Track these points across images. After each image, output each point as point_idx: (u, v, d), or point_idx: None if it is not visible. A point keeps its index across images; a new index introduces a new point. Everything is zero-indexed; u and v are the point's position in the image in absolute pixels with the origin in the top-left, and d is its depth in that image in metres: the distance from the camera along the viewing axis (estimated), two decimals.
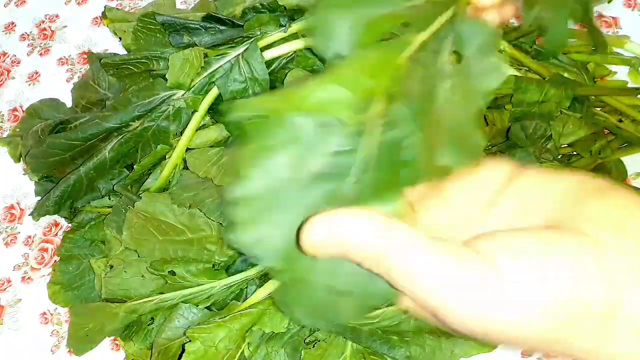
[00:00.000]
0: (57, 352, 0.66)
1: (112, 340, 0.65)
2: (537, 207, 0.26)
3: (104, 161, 0.62)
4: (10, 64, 0.87)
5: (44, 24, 0.90)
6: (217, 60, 0.60)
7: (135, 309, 0.58)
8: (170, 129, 0.61)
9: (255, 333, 0.54)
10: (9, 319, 0.69)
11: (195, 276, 0.56)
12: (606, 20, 0.77)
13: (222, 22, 0.65)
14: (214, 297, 0.57)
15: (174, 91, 0.61)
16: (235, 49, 0.60)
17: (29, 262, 0.72)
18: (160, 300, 0.57)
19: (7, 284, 0.71)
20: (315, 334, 0.55)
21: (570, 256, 0.23)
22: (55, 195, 0.63)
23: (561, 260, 0.23)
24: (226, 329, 0.53)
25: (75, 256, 0.66)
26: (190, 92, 0.60)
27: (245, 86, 0.58)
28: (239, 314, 0.53)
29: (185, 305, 0.56)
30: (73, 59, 0.86)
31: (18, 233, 0.74)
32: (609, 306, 0.23)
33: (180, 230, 0.55)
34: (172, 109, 0.61)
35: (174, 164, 0.59)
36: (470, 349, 0.54)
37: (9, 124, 0.82)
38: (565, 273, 0.23)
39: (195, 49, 0.60)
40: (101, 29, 0.87)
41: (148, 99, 0.61)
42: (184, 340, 0.54)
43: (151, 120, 0.61)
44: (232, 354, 0.53)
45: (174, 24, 0.64)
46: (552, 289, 0.23)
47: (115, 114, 0.61)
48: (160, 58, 0.63)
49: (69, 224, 0.70)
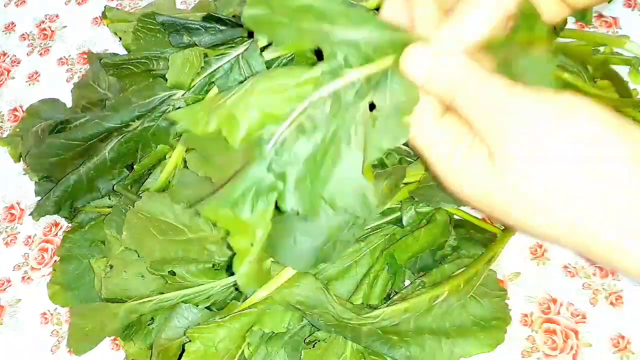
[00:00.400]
0: (57, 352, 0.66)
1: (112, 340, 0.65)
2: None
3: (104, 161, 0.62)
4: (10, 64, 0.87)
5: (44, 24, 0.90)
6: (217, 60, 0.60)
7: (135, 309, 0.58)
8: (171, 129, 0.61)
9: (255, 333, 0.54)
10: (9, 319, 0.69)
11: (196, 276, 0.56)
12: (606, 20, 0.77)
13: (222, 22, 0.65)
14: (214, 297, 0.57)
15: (174, 91, 0.61)
16: (235, 49, 0.60)
17: (29, 262, 0.72)
18: (160, 300, 0.57)
19: (7, 284, 0.71)
20: (315, 334, 0.55)
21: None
22: (55, 196, 0.63)
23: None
24: (226, 329, 0.53)
25: (75, 256, 0.66)
26: (191, 92, 0.60)
27: None
28: (239, 314, 0.53)
29: (185, 305, 0.56)
30: (73, 59, 0.86)
31: (18, 233, 0.74)
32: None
33: (180, 230, 0.55)
34: (173, 109, 0.61)
35: (174, 164, 0.59)
36: (471, 349, 0.54)
37: (9, 123, 0.82)
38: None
39: (195, 49, 0.60)
40: (101, 29, 0.87)
41: (148, 99, 0.61)
42: (184, 340, 0.54)
43: (151, 120, 0.61)
44: (232, 354, 0.53)
45: (174, 24, 0.64)
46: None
47: (115, 114, 0.61)
48: (160, 58, 0.63)
49: (69, 224, 0.70)
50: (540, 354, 0.58)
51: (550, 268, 0.63)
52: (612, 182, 0.26)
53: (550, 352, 0.58)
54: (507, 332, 0.55)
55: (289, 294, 0.53)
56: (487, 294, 0.59)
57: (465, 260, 0.60)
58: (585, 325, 0.59)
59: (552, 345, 0.58)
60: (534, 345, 0.58)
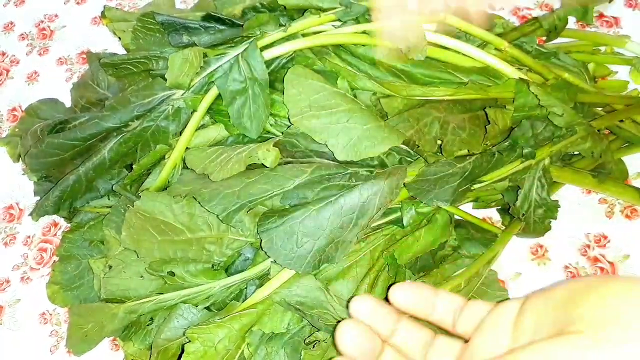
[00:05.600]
0: (56, 352, 0.66)
1: (112, 340, 0.65)
2: (546, 321, 0.29)
3: (103, 161, 0.62)
4: (9, 63, 0.87)
5: (43, 24, 0.90)
6: (216, 59, 0.60)
7: (134, 310, 0.57)
8: (170, 128, 0.61)
9: (255, 333, 0.53)
10: (8, 319, 0.69)
11: (195, 276, 0.56)
12: (607, 20, 0.77)
13: (221, 22, 0.65)
14: (214, 298, 0.57)
15: (173, 91, 0.60)
16: (234, 48, 0.60)
17: (28, 262, 0.72)
18: (160, 300, 0.57)
19: (6, 284, 0.71)
20: (315, 334, 0.54)
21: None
22: (54, 196, 0.63)
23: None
24: (226, 329, 0.52)
25: (75, 256, 0.66)
26: (190, 92, 0.60)
27: (244, 86, 0.58)
28: (238, 314, 0.53)
29: (185, 306, 0.56)
30: (72, 59, 0.85)
31: (17, 233, 0.74)
32: None
33: (179, 231, 0.55)
34: (172, 109, 0.60)
35: (174, 164, 0.59)
36: None
37: (8, 123, 0.82)
38: None
39: (195, 49, 0.60)
40: (100, 28, 0.87)
41: (147, 98, 0.61)
42: (184, 341, 0.54)
43: (150, 120, 0.60)
44: (232, 354, 0.53)
45: (174, 24, 0.64)
46: None
47: (114, 114, 0.61)
48: (159, 58, 0.63)
49: (68, 224, 0.70)
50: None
51: (551, 268, 0.63)
52: None
53: None
54: None
55: (288, 294, 0.53)
56: (488, 294, 0.59)
57: (465, 261, 0.60)
58: None
59: None
60: None
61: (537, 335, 0.29)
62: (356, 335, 0.33)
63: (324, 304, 0.52)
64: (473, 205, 0.65)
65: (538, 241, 0.64)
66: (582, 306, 0.27)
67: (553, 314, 0.28)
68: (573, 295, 0.28)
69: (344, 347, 0.33)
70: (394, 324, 0.35)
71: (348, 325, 0.34)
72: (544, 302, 0.30)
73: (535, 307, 0.30)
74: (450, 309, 0.34)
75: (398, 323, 0.35)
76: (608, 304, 0.27)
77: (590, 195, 0.67)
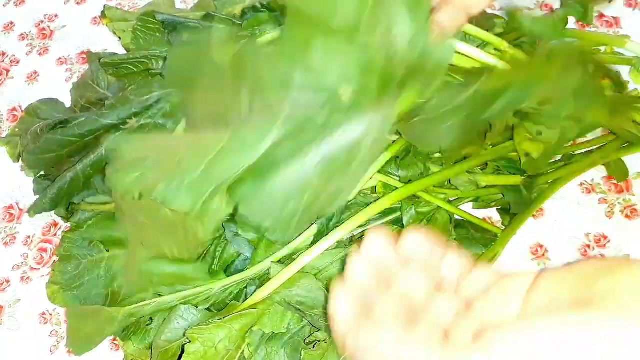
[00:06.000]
0: (56, 353, 0.66)
1: (112, 340, 0.65)
2: (561, 297, 0.29)
3: (100, 158, 0.61)
4: (9, 63, 0.87)
5: (43, 24, 0.89)
6: None
7: (134, 313, 0.57)
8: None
9: (255, 333, 0.53)
10: (8, 319, 0.69)
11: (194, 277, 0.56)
12: (607, 20, 0.77)
13: (221, 22, 0.65)
14: (213, 298, 0.57)
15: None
16: None
17: (28, 262, 0.72)
18: (159, 303, 0.57)
19: (6, 284, 0.71)
20: (315, 334, 0.54)
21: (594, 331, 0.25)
22: (52, 193, 0.63)
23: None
24: (226, 329, 0.52)
25: (75, 256, 0.66)
26: None
27: None
28: (238, 314, 0.53)
29: (185, 307, 0.55)
30: (72, 59, 0.85)
31: (17, 233, 0.74)
32: None
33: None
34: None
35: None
36: None
37: (8, 123, 0.82)
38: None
39: None
40: (100, 28, 0.87)
41: (145, 96, 0.61)
42: (184, 342, 0.54)
43: (148, 117, 0.60)
44: (232, 355, 0.53)
45: (174, 23, 0.64)
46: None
47: (112, 111, 0.61)
48: (159, 57, 0.63)
49: (67, 224, 0.70)
50: None
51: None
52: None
53: None
54: None
55: (289, 294, 0.53)
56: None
57: None
58: None
59: None
60: None
61: (550, 312, 0.29)
62: (367, 266, 0.34)
63: (324, 303, 0.52)
64: (473, 205, 0.65)
65: (538, 241, 0.64)
66: (603, 284, 0.27)
67: (569, 292, 0.28)
68: (593, 274, 0.28)
69: (354, 276, 0.33)
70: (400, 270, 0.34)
71: (360, 257, 0.34)
72: (560, 279, 0.29)
73: (550, 284, 0.30)
74: (456, 272, 0.34)
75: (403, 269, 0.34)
76: (631, 282, 0.27)
77: (590, 195, 0.67)
